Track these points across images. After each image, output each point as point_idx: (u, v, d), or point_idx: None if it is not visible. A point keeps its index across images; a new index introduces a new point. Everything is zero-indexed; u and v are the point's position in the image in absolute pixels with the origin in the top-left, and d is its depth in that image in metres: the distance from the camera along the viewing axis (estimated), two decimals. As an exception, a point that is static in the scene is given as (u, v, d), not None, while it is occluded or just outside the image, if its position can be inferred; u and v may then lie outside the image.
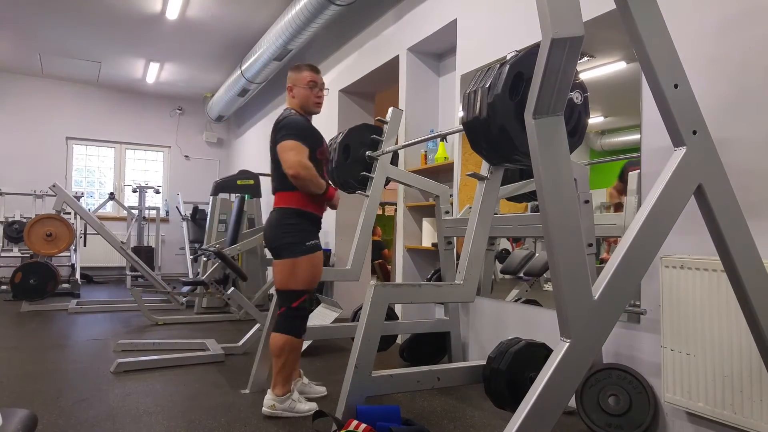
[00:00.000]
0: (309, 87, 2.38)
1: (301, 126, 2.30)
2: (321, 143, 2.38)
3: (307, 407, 2.26)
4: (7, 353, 3.29)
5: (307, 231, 2.29)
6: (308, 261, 2.26)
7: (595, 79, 2.40)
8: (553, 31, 1.08)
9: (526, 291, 2.80)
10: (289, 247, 2.25)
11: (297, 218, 2.29)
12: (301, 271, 2.25)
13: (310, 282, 2.30)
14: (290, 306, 2.27)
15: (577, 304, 1.15)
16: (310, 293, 2.32)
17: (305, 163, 2.21)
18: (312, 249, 2.28)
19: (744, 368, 1.65)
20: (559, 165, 1.16)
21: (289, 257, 2.25)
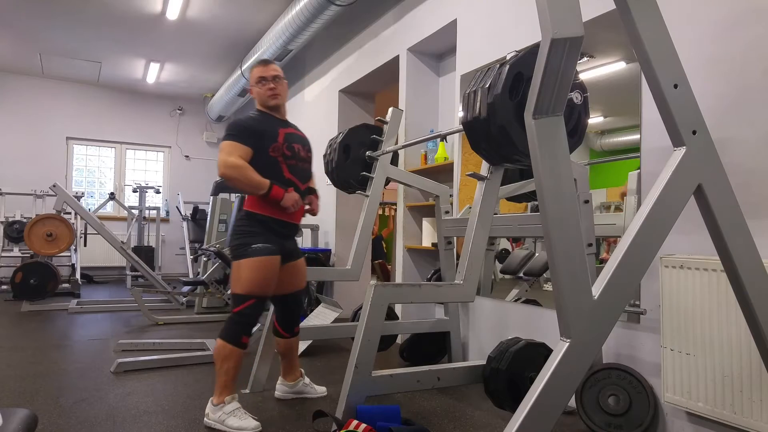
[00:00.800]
0: (259, 83, 2.30)
1: (240, 125, 2.21)
2: (274, 139, 2.24)
3: (239, 424, 2.06)
4: (7, 353, 3.29)
5: (254, 234, 2.19)
6: (249, 264, 2.15)
7: (595, 79, 2.40)
8: (553, 31, 1.08)
9: (526, 291, 2.80)
10: (236, 249, 2.19)
11: (247, 220, 2.22)
12: (242, 274, 2.15)
13: (253, 287, 2.15)
14: (233, 311, 2.17)
15: (577, 304, 1.15)
16: (258, 300, 2.18)
17: (231, 162, 2.12)
18: (256, 252, 2.16)
19: (744, 368, 1.65)
20: (559, 165, 1.16)
21: (234, 259, 2.19)
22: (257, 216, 2.22)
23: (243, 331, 2.16)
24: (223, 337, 2.15)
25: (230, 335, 2.14)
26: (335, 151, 2.95)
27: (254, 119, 2.28)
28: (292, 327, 2.48)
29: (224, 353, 2.13)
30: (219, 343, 2.15)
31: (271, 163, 2.22)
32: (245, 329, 2.17)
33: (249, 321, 2.17)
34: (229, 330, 2.16)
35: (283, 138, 2.28)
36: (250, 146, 2.17)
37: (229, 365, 2.14)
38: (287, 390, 2.52)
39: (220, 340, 2.15)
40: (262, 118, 2.30)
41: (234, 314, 2.17)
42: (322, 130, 5.33)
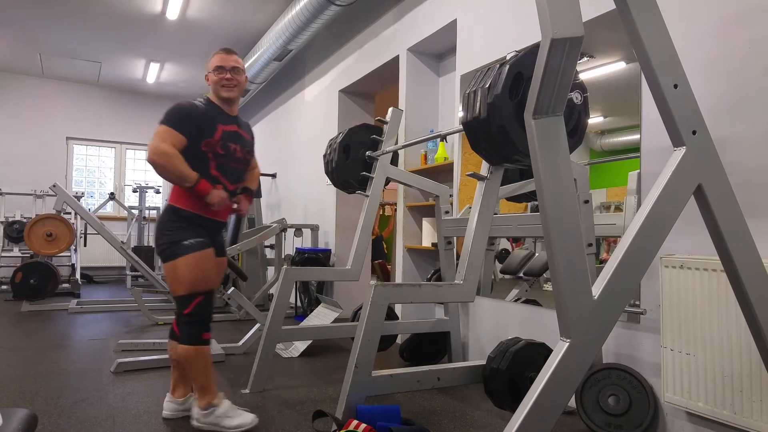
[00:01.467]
0: (216, 72, 2.20)
1: (180, 112, 2.09)
2: (210, 135, 2.12)
3: (236, 422, 2.04)
4: (7, 353, 3.30)
5: (183, 229, 2.08)
6: (185, 262, 2.03)
7: (595, 79, 2.40)
8: (553, 31, 1.08)
9: (526, 291, 2.80)
10: (166, 248, 2.06)
11: (172, 215, 2.10)
12: (181, 272, 2.03)
13: (197, 283, 2.05)
14: (183, 313, 2.07)
15: (577, 304, 1.15)
16: (206, 296, 2.08)
17: (162, 149, 1.99)
18: (189, 248, 2.05)
19: (744, 368, 1.65)
20: (559, 165, 1.16)
21: (168, 260, 2.06)
22: (182, 212, 2.11)
23: (201, 328, 2.07)
24: (185, 341, 2.06)
25: (190, 338, 2.06)
26: (335, 151, 2.95)
27: (198, 109, 2.14)
28: None
29: (191, 357, 2.05)
30: (182, 350, 2.06)
31: (199, 157, 2.10)
32: (202, 326, 2.08)
33: (203, 318, 2.08)
34: (188, 333, 2.07)
35: (220, 135, 2.15)
36: (184, 135, 2.05)
37: (200, 366, 2.06)
38: (176, 407, 2.23)
39: (182, 347, 2.06)
40: (207, 109, 2.17)
41: (185, 316, 2.07)
42: (322, 130, 5.33)
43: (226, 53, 2.26)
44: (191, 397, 2.24)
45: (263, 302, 5.10)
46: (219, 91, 2.21)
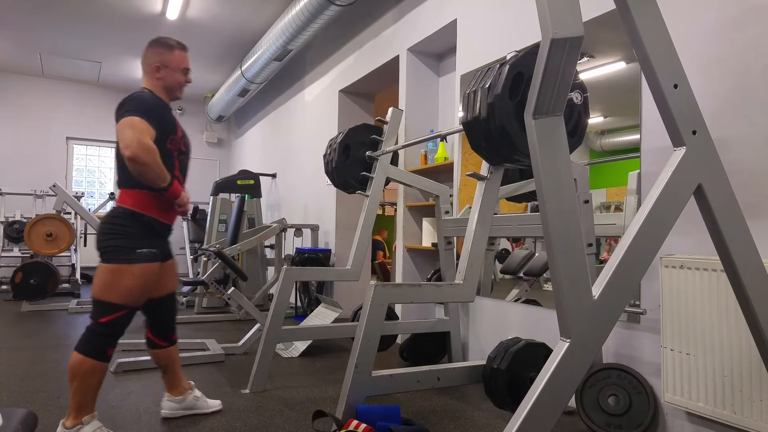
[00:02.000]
0: (184, 72, 2.10)
1: (149, 104, 1.95)
2: (175, 131, 2.04)
3: None
4: (7, 353, 3.30)
5: (140, 237, 1.95)
6: (134, 271, 1.90)
7: (595, 79, 2.40)
8: (553, 31, 1.08)
9: (526, 291, 2.80)
10: (115, 250, 1.90)
11: (130, 221, 1.94)
12: (123, 281, 1.89)
13: (132, 296, 1.92)
14: (98, 321, 1.88)
15: (577, 304, 1.15)
16: (130, 311, 1.93)
17: (148, 145, 1.83)
18: (143, 258, 1.92)
19: (744, 368, 1.65)
20: (559, 165, 1.16)
21: (111, 262, 1.90)
22: (144, 217, 1.97)
23: (109, 343, 1.90)
24: (83, 351, 1.85)
25: (94, 349, 1.87)
26: (335, 151, 2.95)
27: (158, 103, 2.02)
28: (169, 335, 2.21)
29: (85, 369, 1.84)
30: (78, 358, 1.85)
31: (166, 156, 1.97)
32: (111, 341, 1.91)
33: (116, 333, 1.92)
34: (92, 343, 1.87)
35: (181, 132, 2.09)
36: (155, 130, 1.92)
37: (90, 382, 1.87)
38: (176, 406, 2.21)
39: (79, 355, 1.85)
40: (164, 105, 2.07)
41: (98, 324, 1.88)
42: (322, 130, 5.33)
43: (187, 53, 2.15)
44: (191, 394, 2.24)
45: (263, 302, 5.10)
46: (177, 92, 2.12)
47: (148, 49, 2.09)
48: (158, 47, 2.08)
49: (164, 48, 2.08)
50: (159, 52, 2.07)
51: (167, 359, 2.20)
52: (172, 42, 2.11)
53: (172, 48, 2.10)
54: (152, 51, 2.08)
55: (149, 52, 2.09)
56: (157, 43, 2.09)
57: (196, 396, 2.26)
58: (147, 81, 2.09)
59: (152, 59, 2.07)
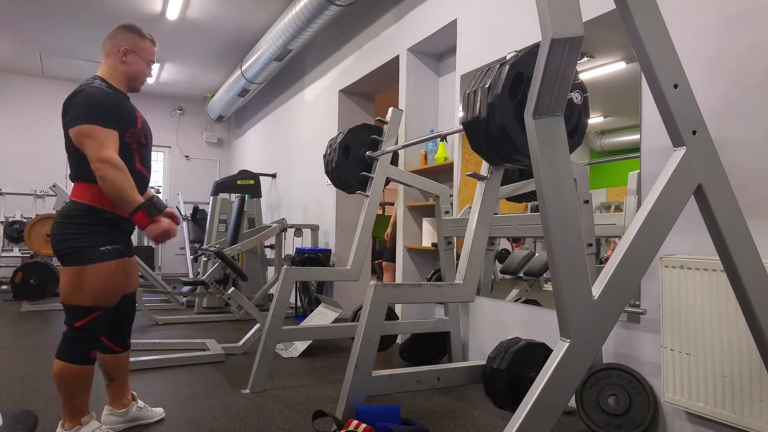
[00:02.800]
0: (148, 63, 2.02)
1: (99, 102, 1.81)
2: (134, 123, 1.93)
3: None
4: (7, 353, 3.29)
5: (100, 234, 1.84)
6: (97, 271, 1.80)
7: (595, 79, 2.40)
8: (553, 31, 1.08)
9: (526, 291, 2.80)
10: (76, 252, 1.79)
11: (89, 218, 1.83)
12: (88, 282, 1.79)
13: (102, 297, 1.83)
14: (73, 325, 1.82)
15: (577, 304, 1.15)
16: (105, 311, 1.86)
17: (116, 162, 1.75)
18: (105, 256, 1.82)
19: (744, 368, 1.65)
20: (559, 165, 1.16)
21: (73, 264, 1.80)
22: (105, 213, 1.86)
23: (89, 345, 1.85)
24: (65, 358, 1.81)
25: (74, 354, 1.82)
26: (335, 151, 2.95)
27: (114, 97, 1.90)
28: (124, 339, 2.08)
29: (70, 374, 1.80)
30: (59, 366, 1.81)
31: (124, 151, 1.86)
32: (91, 343, 1.86)
33: (95, 335, 1.86)
34: (71, 349, 1.82)
35: (141, 122, 1.97)
36: (116, 129, 1.82)
37: (79, 386, 1.83)
38: (118, 420, 2.07)
39: (61, 363, 1.81)
40: (121, 97, 1.95)
41: (75, 329, 1.82)
42: (322, 130, 5.33)
43: (155, 45, 2.07)
44: (134, 405, 2.12)
45: (263, 302, 5.10)
46: (138, 83, 2.02)
47: (119, 32, 1.99)
48: (131, 32, 1.99)
49: (137, 35, 2.00)
50: (131, 38, 1.98)
51: (118, 366, 2.07)
52: (145, 32, 2.04)
53: (144, 37, 2.02)
54: (123, 34, 1.98)
55: (120, 35, 1.98)
56: (130, 29, 2.01)
57: (140, 407, 2.13)
58: (108, 64, 1.97)
59: (122, 42, 1.97)
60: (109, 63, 1.97)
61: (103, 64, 1.98)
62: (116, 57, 1.96)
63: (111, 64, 1.97)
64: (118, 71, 1.97)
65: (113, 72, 1.97)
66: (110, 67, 1.97)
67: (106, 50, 1.99)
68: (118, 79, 1.97)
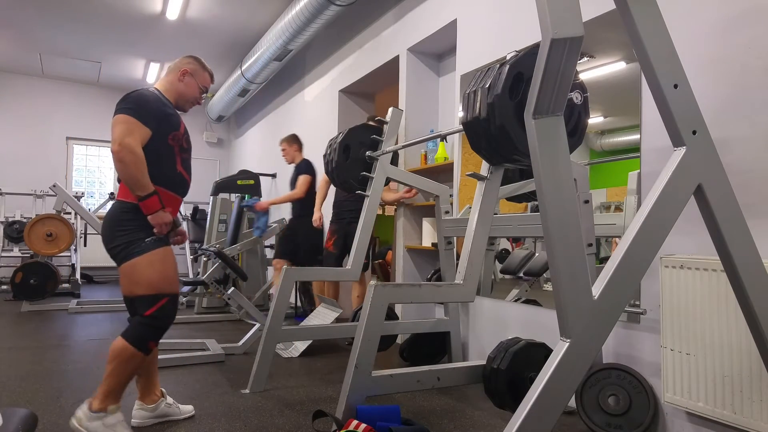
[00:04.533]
0: (201, 89, 2.20)
1: (145, 102, 1.96)
2: (177, 127, 2.07)
3: None
4: (7, 353, 3.29)
5: (144, 227, 1.94)
6: (148, 260, 1.91)
7: (595, 79, 2.40)
8: (553, 31, 1.08)
9: (526, 291, 2.80)
10: (125, 247, 1.91)
11: (134, 213, 1.94)
12: (143, 272, 1.90)
13: (162, 282, 1.93)
14: (143, 314, 1.92)
15: (577, 304, 1.15)
16: (171, 297, 1.95)
17: (132, 146, 1.86)
18: (151, 246, 1.93)
19: (744, 368, 1.65)
20: (559, 165, 1.16)
21: (126, 260, 1.91)
22: None
23: (154, 335, 1.93)
24: (128, 338, 1.89)
25: (138, 338, 1.90)
26: (335, 151, 2.95)
27: (160, 100, 2.05)
28: None
29: (126, 355, 1.88)
30: (121, 344, 1.88)
31: (166, 152, 2.01)
32: (156, 334, 1.94)
33: (162, 324, 1.95)
34: (136, 332, 1.91)
35: (184, 128, 2.13)
36: (150, 129, 1.95)
37: (127, 370, 1.89)
38: (148, 414, 2.13)
39: (123, 341, 1.88)
40: (166, 102, 2.09)
41: (144, 317, 1.91)
42: (322, 130, 5.33)
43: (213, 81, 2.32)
44: (163, 401, 2.16)
45: (263, 302, 5.10)
46: (186, 104, 2.21)
47: (186, 57, 2.23)
48: (195, 60, 2.23)
49: (200, 64, 2.24)
50: (194, 64, 2.21)
51: (148, 361, 2.11)
52: (208, 66, 2.28)
53: (206, 68, 2.26)
54: (189, 60, 2.22)
55: (186, 59, 2.22)
56: (196, 58, 2.25)
57: (168, 403, 2.18)
58: (166, 80, 2.17)
59: (185, 65, 2.18)
60: (167, 79, 2.17)
61: (162, 79, 2.19)
62: (175, 75, 2.16)
63: (169, 80, 2.17)
64: (173, 87, 2.16)
65: (168, 86, 2.15)
66: (167, 83, 2.16)
67: (168, 69, 2.22)
68: (170, 93, 2.15)
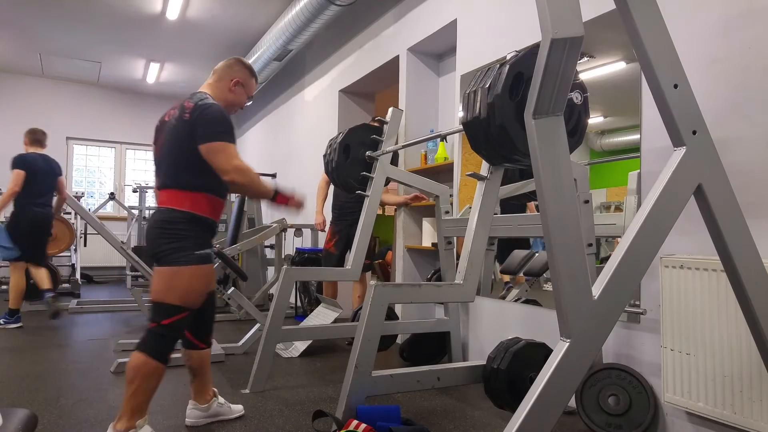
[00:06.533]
0: (246, 95, 2.22)
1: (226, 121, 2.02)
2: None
3: None
4: (7, 353, 3.29)
5: (196, 239, 1.97)
6: (192, 272, 1.93)
7: (595, 79, 2.40)
8: (553, 31, 1.08)
9: (526, 291, 2.80)
10: (173, 253, 1.92)
11: (188, 224, 1.96)
12: (181, 282, 1.91)
13: (191, 297, 1.95)
14: (161, 323, 1.89)
15: (577, 304, 1.15)
16: (191, 313, 1.96)
17: (243, 166, 1.97)
18: (201, 259, 1.96)
19: (744, 368, 1.65)
20: (559, 165, 1.16)
21: (170, 264, 1.92)
22: (203, 219, 2.00)
23: (170, 346, 1.92)
24: (147, 351, 1.86)
25: (157, 350, 1.88)
26: (335, 151, 2.95)
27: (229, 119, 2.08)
28: (207, 335, 2.18)
29: (148, 370, 1.85)
30: (140, 359, 1.85)
31: None
32: (172, 344, 1.93)
33: (177, 336, 1.95)
34: (155, 344, 1.89)
35: None
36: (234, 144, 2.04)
37: (149, 384, 1.87)
38: (201, 414, 2.17)
39: (142, 355, 1.85)
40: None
41: (161, 326, 1.89)
42: (322, 130, 5.33)
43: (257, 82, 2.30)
44: (215, 401, 2.20)
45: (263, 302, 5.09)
46: (233, 109, 2.21)
47: (236, 63, 2.20)
48: (245, 68, 2.21)
49: (249, 72, 2.22)
50: (245, 73, 2.20)
51: (201, 362, 2.16)
52: (255, 72, 2.27)
53: (254, 76, 2.25)
54: (239, 67, 2.20)
55: (236, 66, 2.19)
56: (245, 65, 2.23)
57: (220, 402, 2.22)
58: (218, 87, 2.15)
59: (236, 74, 2.18)
60: (219, 86, 2.16)
61: (213, 86, 2.15)
62: (227, 84, 2.16)
63: (221, 89, 2.15)
64: (224, 96, 2.15)
65: (220, 95, 2.14)
66: (219, 91, 2.15)
67: (218, 74, 2.17)
68: (222, 102, 2.13)
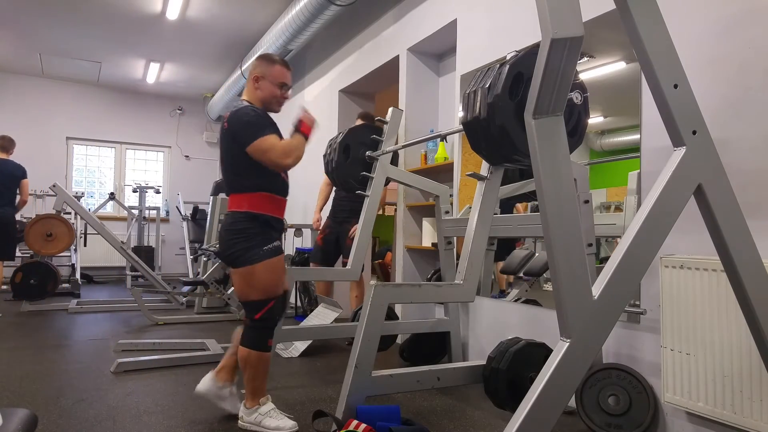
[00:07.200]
0: (280, 87, 2.21)
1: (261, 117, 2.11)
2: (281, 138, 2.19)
3: (276, 424, 2.07)
4: (7, 353, 3.29)
5: (261, 235, 2.10)
6: (265, 267, 2.07)
7: (595, 79, 2.40)
8: (553, 31, 1.08)
9: (526, 291, 2.80)
10: (244, 253, 2.06)
11: (249, 222, 2.09)
12: (258, 279, 2.07)
13: (271, 289, 2.10)
14: (253, 318, 2.10)
15: (577, 304, 1.15)
16: (277, 300, 2.13)
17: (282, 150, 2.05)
18: (270, 253, 2.09)
19: (744, 368, 1.65)
20: (559, 165, 1.16)
21: (244, 265, 2.07)
22: (261, 217, 2.11)
23: (268, 335, 2.13)
24: (249, 345, 2.09)
25: (257, 342, 2.10)
26: (335, 151, 2.95)
27: (262, 114, 2.15)
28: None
29: (253, 361, 2.09)
30: (245, 353, 2.09)
31: None
32: (269, 333, 2.13)
33: (271, 324, 2.13)
34: (254, 337, 2.10)
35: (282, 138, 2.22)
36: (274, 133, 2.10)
37: (259, 370, 2.11)
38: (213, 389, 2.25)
39: (245, 349, 2.09)
40: (267, 115, 2.18)
41: (254, 321, 2.10)
42: (322, 130, 5.33)
43: (289, 70, 2.26)
44: (230, 387, 2.27)
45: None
46: (273, 105, 2.22)
47: (255, 61, 2.24)
48: (261, 60, 2.22)
49: (266, 61, 2.21)
50: (261, 65, 2.20)
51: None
52: (276, 58, 2.24)
53: (274, 62, 2.22)
54: (256, 63, 2.23)
55: (254, 63, 2.23)
56: (261, 57, 2.24)
57: (233, 392, 2.29)
58: (248, 91, 2.22)
59: (254, 71, 2.20)
60: (249, 89, 2.23)
61: (246, 90, 2.25)
62: (252, 84, 2.20)
63: (250, 90, 2.22)
64: (254, 96, 2.20)
65: (252, 96, 2.20)
66: (250, 93, 2.21)
67: (247, 78, 2.29)
68: (256, 102, 2.19)
